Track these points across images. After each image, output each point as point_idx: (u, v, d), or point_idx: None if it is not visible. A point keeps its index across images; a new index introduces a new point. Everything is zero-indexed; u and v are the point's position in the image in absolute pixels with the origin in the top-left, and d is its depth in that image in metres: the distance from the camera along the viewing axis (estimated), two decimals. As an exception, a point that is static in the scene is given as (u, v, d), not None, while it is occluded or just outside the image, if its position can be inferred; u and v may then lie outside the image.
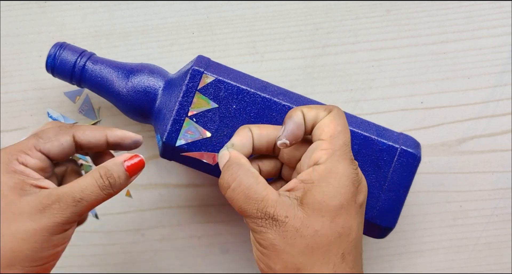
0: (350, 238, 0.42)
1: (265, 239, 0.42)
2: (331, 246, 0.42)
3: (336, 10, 0.61)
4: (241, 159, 0.45)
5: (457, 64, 0.61)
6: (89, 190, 0.44)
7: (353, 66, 0.61)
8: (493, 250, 0.61)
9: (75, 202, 0.43)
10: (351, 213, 0.42)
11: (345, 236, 0.42)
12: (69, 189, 0.44)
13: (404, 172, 0.52)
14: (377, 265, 0.61)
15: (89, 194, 0.44)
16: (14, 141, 0.60)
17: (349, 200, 0.42)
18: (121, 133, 0.48)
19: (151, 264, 0.61)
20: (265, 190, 0.42)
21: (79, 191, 0.44)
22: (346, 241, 0.42)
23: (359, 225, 0.43)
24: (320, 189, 0.42)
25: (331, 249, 0.42)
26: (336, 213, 0.42)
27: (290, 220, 0.41)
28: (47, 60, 0.54)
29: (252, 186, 0.43)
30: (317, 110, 0.45)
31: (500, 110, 0.61)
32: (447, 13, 0.61)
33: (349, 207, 0.42)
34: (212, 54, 0.61)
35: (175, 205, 0.61)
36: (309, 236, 0.41)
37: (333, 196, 0.42)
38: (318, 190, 0.42)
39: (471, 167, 0.61)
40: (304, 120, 0.45)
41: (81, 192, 0.44)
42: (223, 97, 0.52)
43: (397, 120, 0.61)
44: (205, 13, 0.61)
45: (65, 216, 0.43)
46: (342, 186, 0.42)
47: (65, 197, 0.43)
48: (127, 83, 0.54)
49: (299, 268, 0.41)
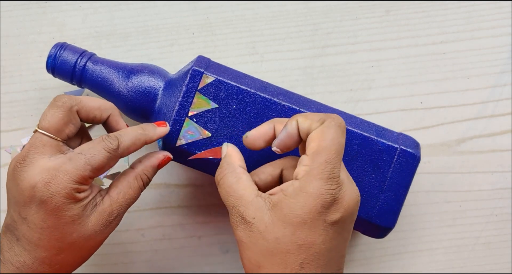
0: (311, 251, 0.44)
1: (236, 234, 0.45)
2: (289, 254, 0.44)
3: (336, 10, 0.61)
4: (233, 157, 0.48)
5: (457, 65, 0.61)
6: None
7: (352, 66, 0.61)
8: (492, 250, 0.61)
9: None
10: (315, 230, 0.43)
11: (305, 248, 0.43)
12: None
13: (404, 172, 0.52)
14: (377, 265, 0.61)
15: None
16: (14, 141, 0.60)
17: (314, 219, 0.43)
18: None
19: (151, 264, 0.61)
20: (244, 189, 0.45)
21: None
22: (306, 253, 0.44)
23: (326, 241, 0.44)
24: (288, 204, 0.44)
25: (290, 257, 0.44)
26: (298, 228, 0.43)
27: (256, 222, 0.44)
28: (47, 60, 0.55)
29: (233, 184, 0.46)
30: (311, 121, 0.45)
31: (500, 111, 0.61)
32: (447, 14, 0.61)
33: (314, 225, 0.43)
34: (212, 54, 0.61)
35: (175, 205, 0.61)
36: (270, 240, 0.44)
37: (298, 214, 0.43)
38: (287, 203, 0.44)
39: (471, 167, 0.61)
40: (298, 130, 0.45)
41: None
42: (223, 98, 0.52)
43: (397, 120, 0.61)
44: (205, 13, 0.61)
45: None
46: (308, 205, 0.43)
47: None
48: (128, 83, 0.54)
49: (261, 266, 0.44)
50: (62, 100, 0.48)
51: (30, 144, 0.47)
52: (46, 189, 0.45)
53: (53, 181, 0.45)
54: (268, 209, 0.44)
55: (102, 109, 0.50)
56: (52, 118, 0.47)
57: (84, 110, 0.49)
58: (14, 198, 0.47)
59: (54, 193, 0.45)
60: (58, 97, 0.48)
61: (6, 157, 0.61)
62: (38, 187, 0.45)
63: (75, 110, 0.48)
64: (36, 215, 0.46)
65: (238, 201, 0.45)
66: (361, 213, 0.52)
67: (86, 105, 0.49)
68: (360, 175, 0.52)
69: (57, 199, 0.45)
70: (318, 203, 0.43)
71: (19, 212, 0.46)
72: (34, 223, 0.46)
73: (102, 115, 0.50)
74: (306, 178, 0.43)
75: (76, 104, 0.48)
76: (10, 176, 0.47)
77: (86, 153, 0.46)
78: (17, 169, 0.46)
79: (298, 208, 0.43)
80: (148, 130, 0.50)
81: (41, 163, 0.46)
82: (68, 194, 0.45)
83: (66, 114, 0.47)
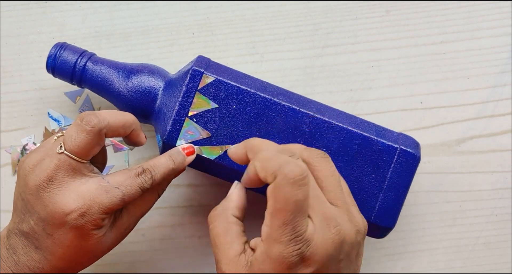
0: None
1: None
2: None
3: (336, 10, 0.61)
4: (232, 202, 0.46)
5: (457, 65, 0.61)
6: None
7: (352, 66, 0.61)
8: (492, 250, 0.61)
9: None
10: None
11: None
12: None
13: (404, 172, 0.52)
14: (377, 265, 0.61)
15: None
16: (14, 141, 0.60)
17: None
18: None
19: (151, 264, 0.61)
20: (230, 243, 0.44)
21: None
22: None
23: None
24: (260, 267, 0.42)
25: None
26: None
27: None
28: (47, 60, 0.55)
29: (220, 235, 0.45)
30: (265, 173, 0.42)
31: (500, 111, 0.61)
32: (447, 14, 0.61)
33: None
34: (212, 54, 0.61)
35: (175, 205, 0.61)
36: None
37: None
38: (259, 267, 0.42)
39: (471, 167, 0.61)
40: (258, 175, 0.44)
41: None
42: (223, 98, 0.52)
43: (397, 120, 0.61)
44: (205, 13, 0.61)
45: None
46: (276, 269, 0.42)
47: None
48: (128, 83, 0.54)
49: None
50: (92, 124, 0.47)
51: (57, 166, 0.47)
52: (81, 218, 0.47)
53: (88, 212, 0.47)
54: (247, 270, 0.43)
55: (126, 127, 0.50)
56: (82, 143, 0.47)
57: (110, 131, 0.49)
58: (38, 214, 0.47)
59: (86, 222, 0.47)
60: (87, 118, 0.47)
61: (6, 157, 0.61)
62: (73, 216, 0.47)
63: (103, 133, 0.48)
64: (65, 236, 0.47)
65: (222, 256, 0.44)
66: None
67: (112, 126, 0.49)
68: (360, 174, 0.52)
69: (87, 227, 0.47)
70: (284, 267, 0.41)
71: (43, 227, 0.47)
72: (60, 241, 0.47)
73: (126, 132, 0.50)
74: (268, 241, 0.42)
75: (105, 126, 0.48)
76: (33, 191, 0.47)
77: (124, 189, 0.48)
78: (45, 189, 0.47)
79: (266, 269, 0.42)
80: (178, 162, 0.50)
81: (73, 188, 0.47)
82: (97, 223, 0.47)
83: (95, 138, 0.47)
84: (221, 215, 0.45)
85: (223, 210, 0.46)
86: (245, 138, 0.51)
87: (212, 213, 0.46)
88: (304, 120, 0.52)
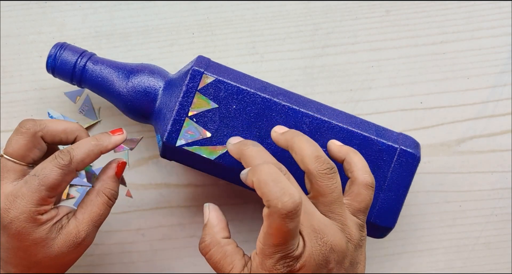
0: None
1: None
2: None
3: (336, 10, 0.61)
4: (214, 227, 0.47)
5: (457, 65, 0.61)
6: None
7: (352, 66, 0.61)
8: (492, 250, 0.61)
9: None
10: None
11: None
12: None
13: (404, 172, 0.52)
14: (377, 265, 0.61)
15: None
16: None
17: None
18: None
19: (151, 264, 0.61)
20: (231, 264, 0.45)
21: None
22: None
23: None
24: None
25: None
26: None
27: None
28: (47, 60, 0.55)
29: (220, 261, 0.45)
30: (261, 195, 0.42)
31: (500, 111, 0.61)
32: (447, 14, 0.62)
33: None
34: (212, 54, 0.61)
35: (175, 205, 0.61)
36: None
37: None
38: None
39: (471, 167, 0.61)
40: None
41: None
42: (223, 98, 0.52)
43: (397, 120, 0.61)
44: (205, 13, 0.61)
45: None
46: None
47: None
48: (128, 83, 0.54)
49: None
50: (26, 127, 0.49)
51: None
52: (6, 215, 0.46)
53: (12, 206, 0.46)
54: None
55: (67, 132, 0.50)
56: (16, 145, 0.48)
57: (49, 135, 0.50)
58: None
59: (13, 218, 0.46)
60: (22, 123, 0.49)
61: (6, 157, 0.61)
62: (2, 215, 0.47)
63: (39, 135, 0.49)
64: (4, 238, 0.47)
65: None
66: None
67: (50, 129, 0.50)
68: (360, 175, 0.52)
69: (17, 224, 0.47)
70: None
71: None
72: (1, 243, 0.48)
73: (68, 138, 0.51)
74: (261, 256, 0.43)
75: (40, 129, 0.49)
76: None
77: (39, 173, 0.47)
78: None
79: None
80: (102, 140, 0.50)
81: (3, 189, 0.47)
82: (28, 217, 0.47)
83: (30, 140, 0.49)
84: (212, 243, 0.46)
85: (211, 238, 0.46)
86: (245, 138, 0.51)
87: (202, 245, 0.46)
88: (304, 120, 0.52)
